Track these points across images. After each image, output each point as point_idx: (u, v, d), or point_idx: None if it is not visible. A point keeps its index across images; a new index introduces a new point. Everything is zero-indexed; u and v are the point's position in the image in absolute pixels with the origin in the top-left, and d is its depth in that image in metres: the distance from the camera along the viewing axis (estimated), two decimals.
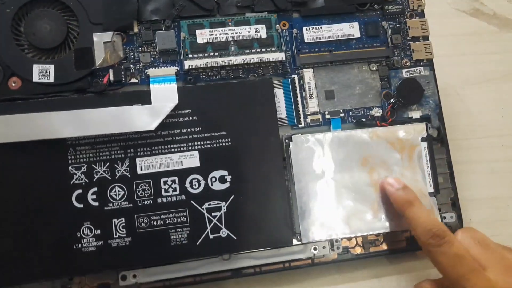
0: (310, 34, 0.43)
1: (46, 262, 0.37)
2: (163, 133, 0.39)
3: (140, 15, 0.41)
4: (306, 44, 0.43)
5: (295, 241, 0.40)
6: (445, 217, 0.42)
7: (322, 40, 0.43)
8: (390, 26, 0.44)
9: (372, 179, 0.41)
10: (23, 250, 0.37)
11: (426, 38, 0.44)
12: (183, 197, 0.39)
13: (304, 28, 0.43)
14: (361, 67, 0.43)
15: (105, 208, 0.38)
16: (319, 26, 0.43)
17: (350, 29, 0.43)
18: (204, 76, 0.41)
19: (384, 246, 0.42)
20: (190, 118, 0.40)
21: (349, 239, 0.41)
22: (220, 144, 0.40)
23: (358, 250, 0.42)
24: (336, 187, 0.40)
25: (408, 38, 0.44)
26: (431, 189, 0.41)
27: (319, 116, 0.42)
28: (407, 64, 0.44)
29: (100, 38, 0.39)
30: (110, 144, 0.39)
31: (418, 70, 0.44)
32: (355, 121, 0.43)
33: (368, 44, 0.43)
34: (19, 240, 0.37)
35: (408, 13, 0.44)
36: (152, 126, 0.38)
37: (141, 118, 0.38)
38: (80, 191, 0.38)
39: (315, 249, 0.41)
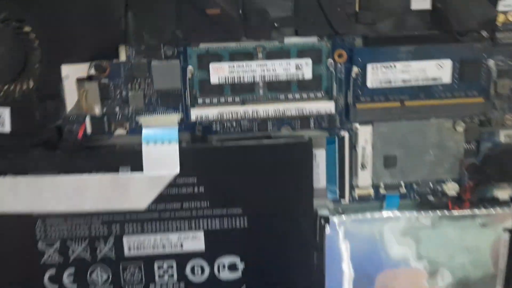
0: (377, 75, 0.29)
1: None
2: (158, 207, 0.30)
3: (130, 35, 0.28)
4: (368, 90, 0.29)
5: None
6: None
7: (393, 85, 0.29)
8: (499, 65, 0.29)
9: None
10: None
11: None
12: (182, 285, 0.31)
13: (369, 66, 0.29)
14: (442, 125, 0.30)
15: None
16: (392, 64, 0.29)
17: (438, 70, 0.29)
18: (218, 128, 0.30)
19: None
20: (195, 189, 0.30)
21: None
22: (233, 224, 0.30)
23: None
24: None
25: None
26: None
27: (371, 190, 0.31)
28: (510, 123, 0.31)
29: (71, 72, 0.27)
30: (90, 218, 0.30)
31: None
32: (418, 199, 0.31)
33: (460, 93, 0.30)
34: None
35: None
36: (142, 205, 0.29)
37: (129, 193, 0.28)
38: (53, 271, 0.30)
39: None
